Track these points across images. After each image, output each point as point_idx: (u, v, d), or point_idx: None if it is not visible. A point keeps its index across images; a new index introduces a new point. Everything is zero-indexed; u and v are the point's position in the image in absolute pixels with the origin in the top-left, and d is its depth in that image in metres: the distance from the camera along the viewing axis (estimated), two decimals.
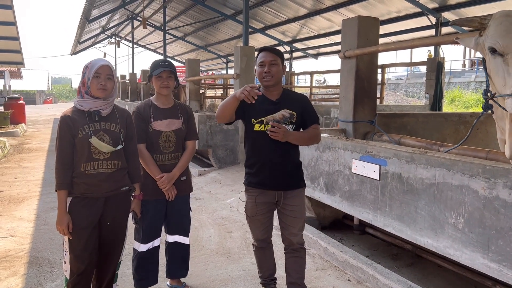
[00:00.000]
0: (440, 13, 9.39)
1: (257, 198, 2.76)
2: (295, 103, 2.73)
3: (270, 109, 2.67)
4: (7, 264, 3.67)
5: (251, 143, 2.74)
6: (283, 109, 2.67)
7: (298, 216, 2.77)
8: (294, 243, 2.83)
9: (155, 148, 2.91)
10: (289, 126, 2.67)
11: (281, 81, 2.76)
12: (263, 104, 2.68)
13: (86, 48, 25.81)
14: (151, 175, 2.88)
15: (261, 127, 2.67)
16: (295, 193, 2.76)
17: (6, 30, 13.39)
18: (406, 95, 25.69)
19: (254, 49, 8.15)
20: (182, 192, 3.02)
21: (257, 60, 2.72)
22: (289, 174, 2.74)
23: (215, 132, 7.61)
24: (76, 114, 2.48)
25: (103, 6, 15.50)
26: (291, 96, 2.80)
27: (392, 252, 3.85)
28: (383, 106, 9.55)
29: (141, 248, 2.92)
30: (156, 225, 2.97)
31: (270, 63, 2.66)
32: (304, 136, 2.72)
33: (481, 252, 2.47)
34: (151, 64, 2.96)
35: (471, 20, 2.51)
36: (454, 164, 2.65)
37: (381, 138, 3.97)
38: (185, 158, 3.00)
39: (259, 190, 2.75)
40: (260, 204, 2.76)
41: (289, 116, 2.66)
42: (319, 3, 11.18)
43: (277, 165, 2.69)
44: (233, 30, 16.50)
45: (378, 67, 4.40)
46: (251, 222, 2.87)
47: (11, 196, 5.95)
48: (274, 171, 2.69)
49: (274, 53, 2.70)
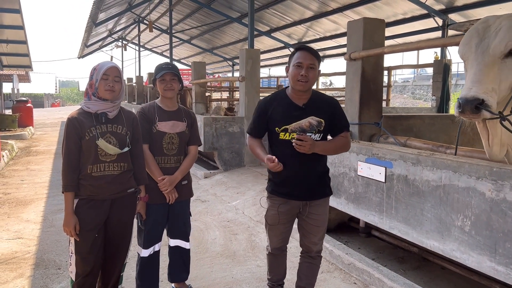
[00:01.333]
0: (447, 15, 9.34)
1: (280, 207, 2.59)
2: (324, 108, 2.53)
3: (296, 116, 2.47)
4: (13, 265, 3.69)
5: (276, 152, 2.53)
6: (310, 115, 2.47)
7: (320, 225, 2.65)
8: (313, 250, 2.73)
9: (158, 149, 2.90)
10: (316, 134, 2.48)
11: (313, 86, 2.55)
12: (288, 110, 2.49)
13: (93, 51, 25.99)
14: (152, 176, 2.86)
15: (285, 135, 2.47)
16: (319, 202, 2.62)
17: (15, 33, 13.54)
18: (413, 97, 25.59)
19: (259, 51, 8.17)
20: (183, 197, 3.01)
21: (293, 59, 2.49)
22: (315, 184, 2.58)
23: (221, 134, 7.62)
24: (83, 116, 2.49)
25: (110, 9, 15.61)
26: (319, 100, 2.57)
27: (398, 255, 3.83)
28: (389, 108, 9.51)
29: (143, 253, 2.92)
30: (158, 230, 2.96)
31: (309, 66, 2.44)
32: (332, 146, 2.54)
33: (488, 255, 2.45)
34: (154, 68, 2.96)
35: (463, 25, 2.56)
36: (461, 166, 2.63)
37: (387, 140, 3.95)
38: (187, 162, 2.99)
39: (283, 200, 2.59)
40: (282, 214, 2.60)
41: (317, 124, 2.47)
42: (324, 5, 11.17)
43: (302, 176, 2.53)
44: (239, 33, 16.53)
45: (384, 69, 4.38)
46: (270, 230, 2.72)
47: (18, 198, 6.00)
48: (299, 183, 2.54)
49: (314, 55, 2.47)
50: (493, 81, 2.18)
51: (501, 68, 2.20)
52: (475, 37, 2.29)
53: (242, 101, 7.87)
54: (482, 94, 2.11)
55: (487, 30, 2.26)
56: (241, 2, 12.97)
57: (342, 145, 2.57)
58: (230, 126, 7.73)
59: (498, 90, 2.19)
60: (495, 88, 2.17)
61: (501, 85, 2.21)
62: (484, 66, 2.19)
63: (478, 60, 2.23)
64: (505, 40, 2.18)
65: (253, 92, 7.79)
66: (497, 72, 2.19)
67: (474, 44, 2.27)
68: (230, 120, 7.81)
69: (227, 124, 7.71)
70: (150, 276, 2.97)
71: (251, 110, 7.69)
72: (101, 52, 27.54)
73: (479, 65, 2.21)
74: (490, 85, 2.16)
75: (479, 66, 2.21)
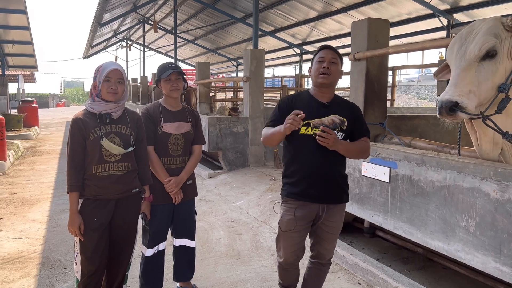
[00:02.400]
0: (452, 15, 9.31)
1: (297, 211, 2.46)
2: (346, 109, 2.50)
3: (320, 112, 2.43)
4: (19, 265, 3.72)
5: (294, 148, 2.47)
6: (333, 113, 2.44)
7: (335, 232, 2.57)
8: (325, 258, 2.65)
9: (164, 151, 2.90)
10: (338, 133, 2.42)
11: (335, 85, 2.55)
12: (311, 106, 2.45)
13: (98, 51, 26.10)
14: (158, 178, 2.87)
15: (307, 130, 2.41)
16: (337, 208, 2.52)
17: (20, 34, 13.62)
18: (417, 97, 25.51)
19: (264, 51, 8.17)
20: (188, 196, 3.02)
21: (316, 57, 2.50)
22: (335, 186, 2.48)
23: (225, 134, 7.64)
24: (87, 117, 2.50)
25: (115, 10, 15.67)
26: (342, 102, 2.58)
27: (403, 255, 3.82)
28: (393, 109, 9.48)
29: (147, 253, 2.93)
30: (163, 230, 2.98)
31: (331, 61, 2.43)
32: (353, 148, 2.47)
33: (493, 256, 2.44)
34: (157, 68, 2.94)
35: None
36: (465, 167, 2.63)
37: (391, 141, 3.94)
38: (192, 162, 3.00)
39: (299, 202, 2.46)
40: (299, 219, 2.46)
41: (340, 123, 2.44)
42: (329, 5, 11.17)
43: (322, 174, 2.43)
44: (243, 33, 16.56)
45: (388, 69, 4.38)
46: (284, 239, 2.54)
47: (24, 198, 6.04)
48: (319, 181, 2.43)
49: (336, 52, 2.49)
50: (470, 83, 2.27)
51: (479, 71, 2.29)
52: (457, 42, 2.39)
53: (247, 101, 7.88)
54: (456, 97, 2.22)
55: (468, 35, 2.34)
56: (246, 2, 12.99)
57: (363, 149, 2.50)
58: (234, 126, 7.74)
59: (477, 92, 2.28)
60: (474, 90, 2.27)
61: (481, 87, 2.29)
62: (461, 70, 2.30)
63: (457, 64, 2.34)
64: (479, 43, 2.28)
65: (257, 92, 7.80)
66: (475, 75, 2.28)
67: (455, 49, 2.38)
68: (235, 120, 7.82)
69: (231, 124, 7.72)
70: (154, 275, 2.99)
71: (256, 110, 7.77)
72: (106, 52, 27.67)
73: (457, 69, 2.32)
74: (467, 88, 2.26)
75: (457, 71, 2.32)
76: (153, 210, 2.87)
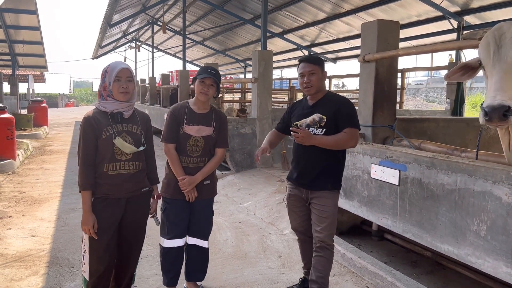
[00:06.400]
0: (462, 17, 9.23)
1: (291, 190, 3.07)
2: (329, 106, 2.83)
3: (305, 113, 2.91)
4: (28, 263, 3.74)
5: (293, 145, 2.97)
6: (315, 113, 2.83)
7: (323, 215, 2.85)
8: (317, 240, 2.90)
9: (182, 150, 2.97)
10: (318, 129, 2.80)
11: (323, 87, 2.92)
12: (301, 109, 2.97)
13: (107, 52, 26.26)
14: (175, 174, 2.95)
15: None
16: (320, 194, 2.87)
17: (31, 34, 13.76)
18: (427, 100, 25.33)
19: (272, 53, 8.16)
20: (203, 196, 3.05)
21: (298, 71, 2.92)
22: (316, 175, 2.87)
23: (233, 136, 7.63)
24: (99, 115, 2.52)
25: (124, 11, 15.75)
26: (328, 100, 2.90)
27: (412, 259, 3.79)
28: (402, 111, 9.42)
29: (165, 244, 2.99)
30: (180, 223, 3.01)
31: (309, 74, 2.84)
32: (330, 140, 2.77)
33: (505, 261, 2.41)
34: (199, 69, 3.04)
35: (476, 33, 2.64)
36: (476, 170, 2.60)
37: (400, 143, 3.92)
38: (211, 164, 3.04)
39: (293, 186, 3.05)
40: (292, 197, 3.06)
41: (318, 120, 2.80)
42: (338, 7, 11.13)
43: (305, 166, 2.91)
44: (252, 34, 16.56)
45: (398, 72, 4.35)
46: (289, 213, 3.17)
47: (33, 197, 6.08)
48: (303, 171, 2.93)
49: (311, 62, 2.86)
50: None
51: None
52: (492, 44, 2.32)
53: (255, 103, 7.87)
54: (508, 101, 2.14)
55: (502, 38, 2.29)
56: (254, 3, 12.99)
57: (340, 140, 2.76)
58: (242, 128, 7.73)
59: None
60: None
61: None
62: (504, 73, 2.23)
63: (497, 68, 2.27)
64: None
65: (265, 94, 7.79)
66: None
67: (492, 52, 2.31)
68: (242, 122, 7.82)
69: (239, 126, 7.72)
70: (172, 268, 3.03)
71: (263, 112, 7.76)
72: (115, 53, 27.84)
73: (499, 72, 2.25)
74: None
75: (499, 74, 2.24)
76: (169, 204, 2.99)
